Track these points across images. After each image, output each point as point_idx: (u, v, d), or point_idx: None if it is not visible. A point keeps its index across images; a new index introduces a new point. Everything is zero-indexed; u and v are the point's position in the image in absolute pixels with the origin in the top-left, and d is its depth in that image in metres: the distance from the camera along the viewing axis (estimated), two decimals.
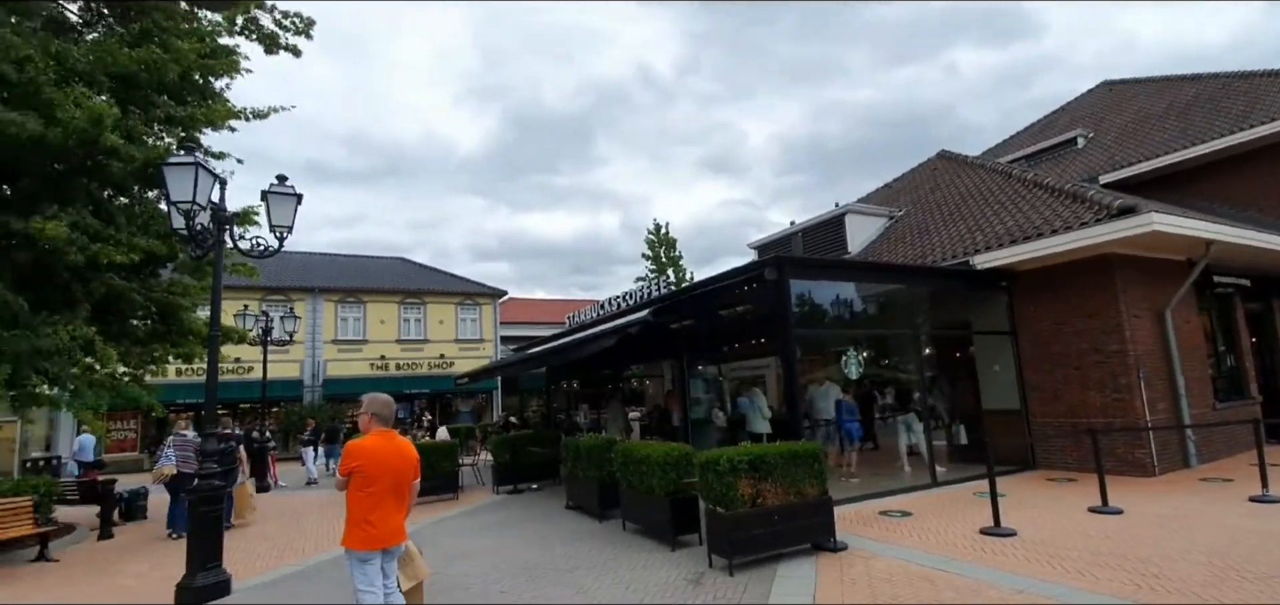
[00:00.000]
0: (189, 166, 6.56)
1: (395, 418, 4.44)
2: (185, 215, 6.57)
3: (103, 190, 10.30)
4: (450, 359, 29.57)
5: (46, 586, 7.28)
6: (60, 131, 8.19)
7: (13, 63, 7.96)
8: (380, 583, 4.21)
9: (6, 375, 8.55)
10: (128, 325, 10.93)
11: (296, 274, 27.56)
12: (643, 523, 7.67)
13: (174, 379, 17.86)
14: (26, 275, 8.84)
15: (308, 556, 7.99)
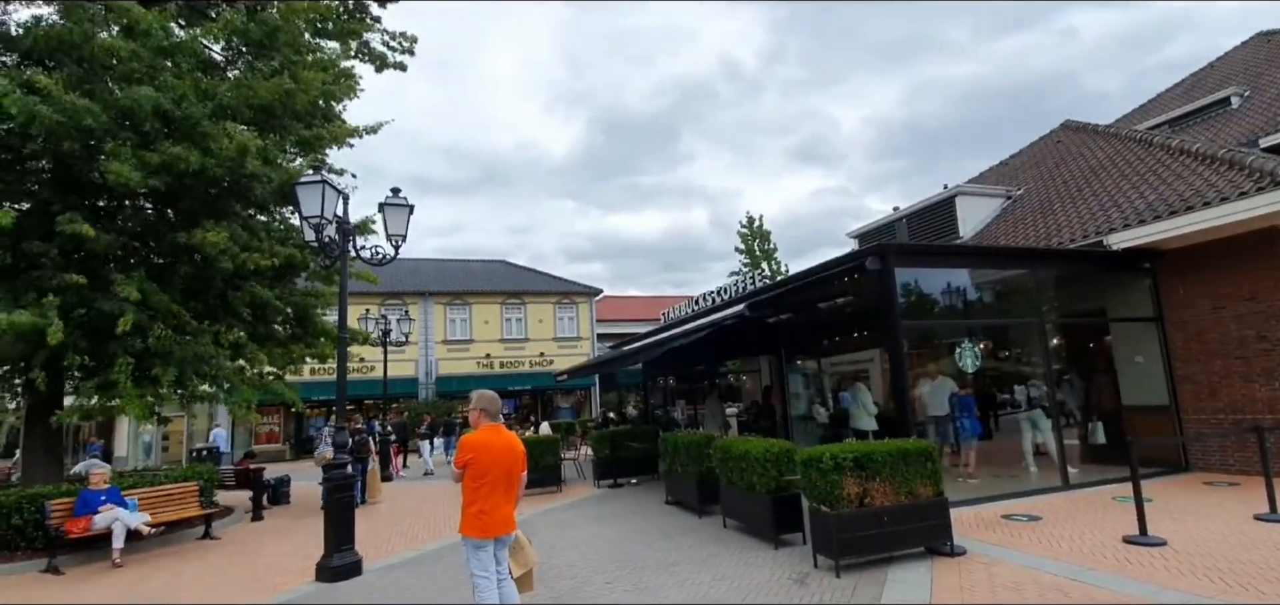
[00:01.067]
0: (317, 184, 7.20)
1: (501, 413, 4.66)
2: (315, 228, 7.22)
3: (247, 209, 11.53)
4: (550, 356, 30.62)
5: (211, 561, 8.27)
6: (214, 161, 9.26)
7: (174, 101, 9.07)
8: (494, 570, 4.43)
9: (174, 377, 9.78)
10: (271, 329, 12.16)
11: (409, 279, 29.55)
12: (743, 519, 7.58)
13: (309, 378, 19.68)
14: (189, 287, 10.06)
15: (427, 542, 8.55)
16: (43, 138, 8.71)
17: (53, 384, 9.30)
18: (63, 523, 7.98)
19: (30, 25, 9.42)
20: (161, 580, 7.41)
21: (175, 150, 8.77)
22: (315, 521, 10.77)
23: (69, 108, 8.10)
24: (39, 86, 8.04)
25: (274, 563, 7.99)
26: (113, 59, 9.09)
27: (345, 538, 7.01)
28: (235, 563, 8.12)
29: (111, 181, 8.46)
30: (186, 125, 9.20)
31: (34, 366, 8.22)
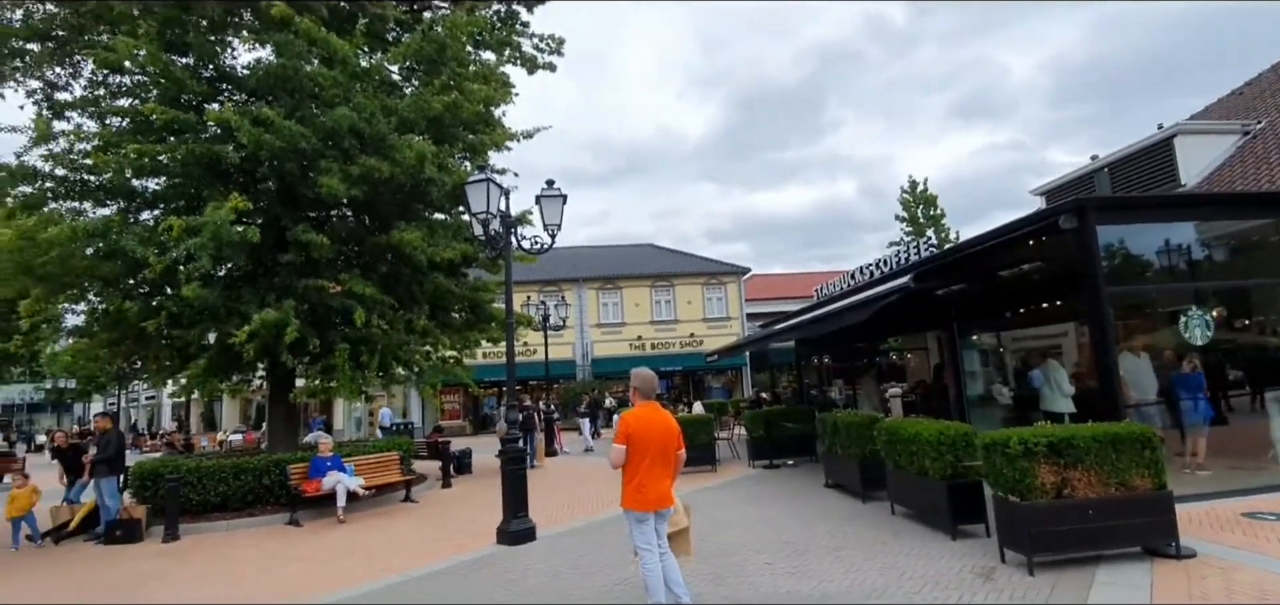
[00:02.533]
0: (483, 183, 7.82)
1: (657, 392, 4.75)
2: (483, 224, 7.86)
3: (427, 210, 12.86)
4: (699, 337, 30.81)
5: (412, 521, 9.42)
6: (399, 169, 10.43)
7: (365, 119, 10.33)
8: (655, 543, 4.55)
9: (378, 362, 11.22)
10: (449, 317, 13.51)
11: (564, 267, 31.19)
12: (914, 507, 7.08)
13: (481, 361, 21.63)
14: (385, 284, 11.45)
15: (593, 514, 9.02)
16: (269, 161, 10.38)
17: (289, 368, 11.12)
18: (300, 483, 9.54)
19: (253, 67, 11.24)
20: (376, 534, 8.59)
21: (370, 162, 10.01)
22: (494, 490, 11.86)
23: (288, 133, 9.54)
24: (264, 118, 9.55)
25: (462, 525, 8.90)
26: (316, 86, 10.57)
27: (520, 506, 7.61)
28: (431, 523, 9.18)
29: (323, 194, 9.86)
30: (376, 140, 10.45)
31: (277, 354, 9.87)
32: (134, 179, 10.30)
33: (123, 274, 9.98)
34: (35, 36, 9.76)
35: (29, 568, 7.94)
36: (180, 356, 11.51)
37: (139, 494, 9.75)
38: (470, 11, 12.25)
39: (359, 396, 12.43)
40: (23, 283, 9.65)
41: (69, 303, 11.11)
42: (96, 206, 10.45)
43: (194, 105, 10.50)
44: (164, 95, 10.14)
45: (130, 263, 9.43)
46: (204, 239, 8.98)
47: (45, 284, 9.66)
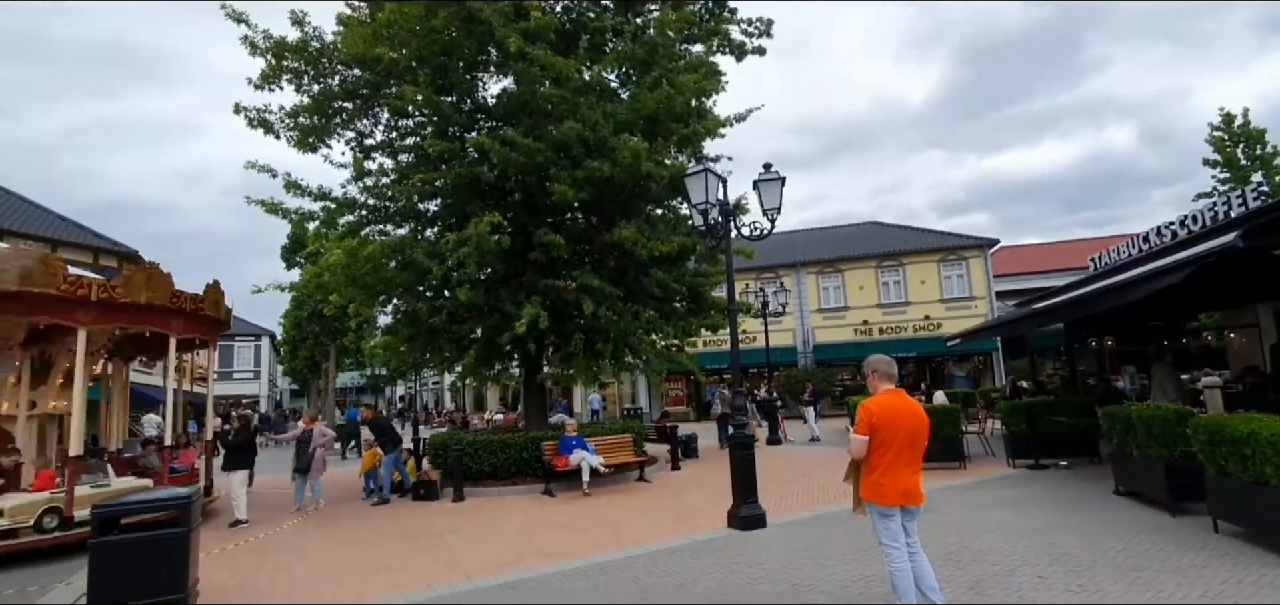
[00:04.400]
0: (701, 174, 7.95)
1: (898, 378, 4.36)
2: (702, 213, 7.99)
3: (646, 206, 13.52)
4: (936, 320, 27.93)
5: (647, 499, 10.00)
6: (619, 169, 11.12)
7: (590, 127, 11.18)
8: (903, 540, 4.19)
9: (611, 351, 12.13)
10: (671, 308, 14.06)
11: (781, 252, 30.49)
12: (1256, 527, 5.55)
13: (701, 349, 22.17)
14: (613, 278, 12.32)
15: (823, 505, 8.68)
16: (515, 175, 11.79)
17: (538, 357, 12.56)
18: (552, 459, 10.72)
19: (499, 96, 12.84)
20: (617, 508, 9.30)
21: (593, 165, 10.83)
22: (720, 473, 12.06)
23: (527, 149, 10.73)
24: (510, 139, 10.86)
25: (693, 506, 9.21)
26: (548, 105, 11.73)
27: (750, 492, 7.62)
28: (664, 502, 9.66)
29: (557, 200, 10.92)
30: (599, 144, 11.26)
31: (528, 344, 11.23)
32: (419, 203, 12.48)
33: (415, 281, 12.15)
34: (349, 97, 12.34)
35: (367, 513, 10.11)
36: (457, 348, 13.67)
37: (434, 461, 11.82)
38: (678, 6, 12.55)
39: (594, 383, 13.59)
40: (350, 291, 12.29)
41: (380, 307, 13.88)
42: (395, 227, 12.88)
43: (458, 136, 12.36)
44: (437, 131, 12.11)
45: (420, 272, 11.44)
46: (470, 249, 10.53)
47: (365, 291, 12.17)
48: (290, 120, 11.55)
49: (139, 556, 5.03)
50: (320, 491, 10.80)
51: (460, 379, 14.37)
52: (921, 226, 32.55)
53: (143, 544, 5.09)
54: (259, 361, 47.45)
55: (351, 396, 61.15)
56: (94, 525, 5.08)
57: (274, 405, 44.99)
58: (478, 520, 9.04)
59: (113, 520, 5.12)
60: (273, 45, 11.09)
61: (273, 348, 46.86)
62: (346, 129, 12.51)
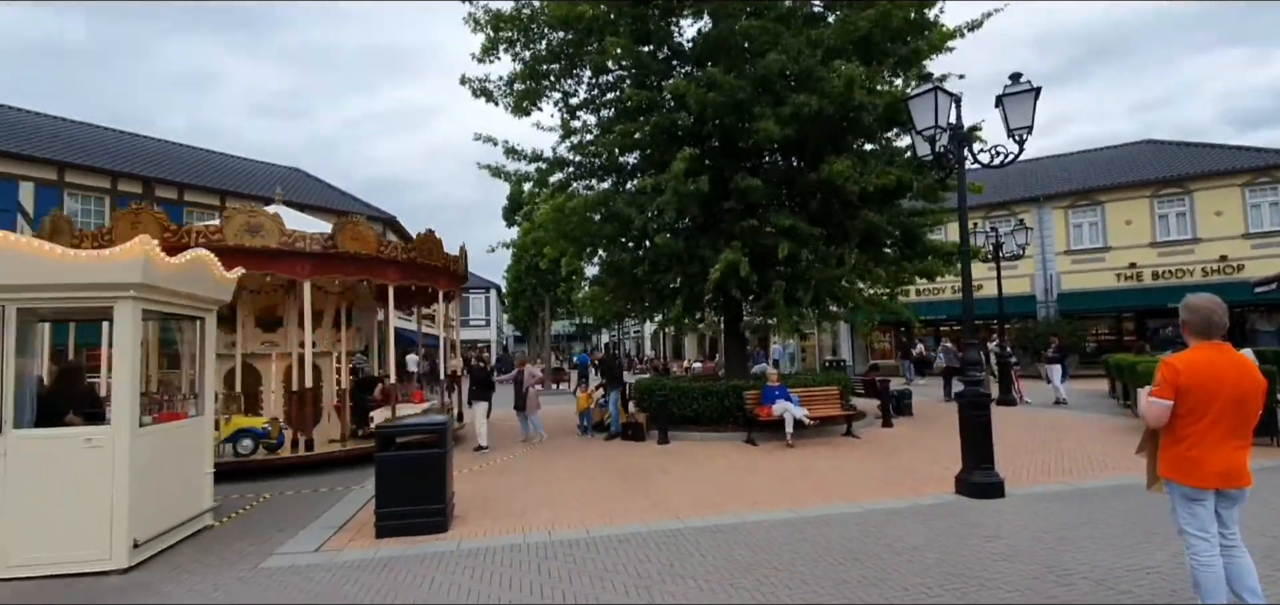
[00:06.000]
0: (929, 94, 6.95)
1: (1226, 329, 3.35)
2: (929, 140, 7.01)
3: (856, 140, 12.41)
4: (1236, 260, 22.19)
5: (856, 455, 9.41)
6: (827, 101, 10.28)
7: (793, 58, 10.44)
8: (1214, 530, 3.30)
9: (811, 298, 11.49)
10: (881, 252, 12.87)
11: (1017, 185, 26.26)
12: None
13: (914, 298, 20.19)
14: (815, 220, 11.56)
15: (1076, 478, 7.39)
16: (712, 119, 11.51)
17: (738, 305, 12.39)
18: (754, 408, 10.57)
19: (695, 38, 12.55)
20: (822, 462, 8.89)
21: (799, 99, 10.13)
22: (939, 433, 10.94)
23: (727, 87, 10.36)
24: (709, 78, 10.56)
25: (909, 467, 8.44)
26: (747, 41, 11.16)
27: (984, 456, 6.71)
28: (875, 459, 9.00)
29: (759, 139, 10.45)
30: (803, 75, 10.49)
31: (728, 291, 11.09)
32: (620, 156, 12.85)
33: (618, 233, 12.62)
34: (554, 59, 13.00)
35: (584, 446, 10.95)
36: (659, 297, 14.04)
37: (640, 405, 12.39)
38: None
39: (794, 332, 13.04)
40: (560, 244, 13.18)
41: (587, 259, 14.73)
42: (599, 181, 13.45)
43: (655, 85, 12.40)
44: (635, 81, 12.26)
45: (622, 222, 11.84)
46: (668, 196, 10.59)
47: (573, 243, 12.96)
48: (506, 87, 12.53)
49: (410, 470, 5.93)
50: (539, 424, 11.95)
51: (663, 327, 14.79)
52: (1217, 144, 25.75)
53: (412, 460, 5.99)
54: (489, 310, 54.12)
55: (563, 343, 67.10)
56: (377, 442, 6.08)
57: (502, 349, 51.12)
58: (682, 462, 9.25)
59: (390, 439, 6.08)
60: (490, 18, 12.03)
61: (499, 298, 53.05)
62: (554, 91, 13.23)
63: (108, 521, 5.05)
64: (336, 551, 5.52)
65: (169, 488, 5.76)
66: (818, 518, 6.14)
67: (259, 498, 7.62)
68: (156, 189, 20.66)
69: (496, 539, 5.72)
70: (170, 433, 6.02)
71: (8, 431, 5.02)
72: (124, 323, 5.37)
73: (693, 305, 13.54)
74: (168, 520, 5.67)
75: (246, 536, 6.03)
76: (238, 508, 7.12)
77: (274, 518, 6.71)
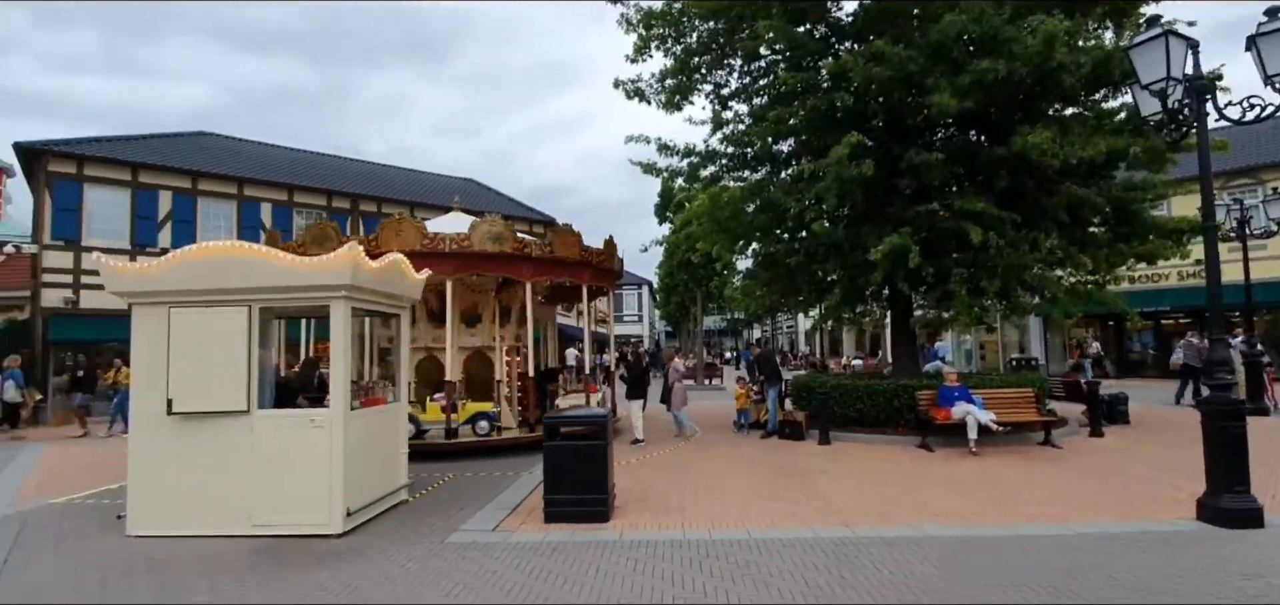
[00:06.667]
0: (1158, 40, 5.78)
1: None
2: (1159, 95, 5.85)
3: (1053, 105, 10.83)
4: None
5: (1058, 467, 8.19)
6: (1017, 63, 9.05)
7: (973, 20, 9.32)
8: None
9: (998, 288, 10.21)
10: (1087, 232, 11.11)
11: (1269, 147, 21.46)
12: None
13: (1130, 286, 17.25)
14: (1003, 200, 10.25)
15: None
16: (876, 97, 10.66)
17: (907, 297, 11.39)
18: (929, 409, 9.63)
19: (856, 11, 11.71)
20: (1014, 474, 7.85)
21: (981, 65, 9.04)
22: (1166, 445, 9.27)
23: (896, 61, 9.51)
24: (875, 52, 9.77)
25: (1130, 485, 7.17)
26: (916, 6, 10.16)
27: (1237, 476, 5.47)
28: (1085, 475, 7.76)
29: (933, 113, 9.48)
30: (985, 38, 9.34)
31: (897, 282, 10.22)
32: (774, 144, 12.39)
33: (772, 224, 12.19)
34: (705, 50, 12.85)
35: (740, 444, 10.72)
36: (816, 290, 13.37)
37: (797, 402, 11.88)
38: None
39: (976, 325, 11.71)
40: (713, 238, 13.02)
41: (739, 251, 14.43)
42: (752, 172, 13.09)
43: (811, 65, 11.77)
44: (790, 64, 11.73)
45: (777, 213, 11.39)
46: (828, 182, 9.98)
47: (726, 236, 12.75)
48: (658, 84, 12.61)
49: (574, 459, 6.15)
50: (686, 420, 11.89)
51: (821, 321, 14.07)
52: None
53: (576, 450, 6.20)
54: (641, 306, 55.58)
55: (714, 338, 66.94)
56: (545, 431, 6.38)
57: (655, 345, 52.19)
58: (847, 465, 8.69)
59: (555, 429, 6.35)
60: (642, 17, 12.19)
61: (651, 294, 54.21)
62: (705, 83, 13.09)
63: (327, 492, 5.80)
64: (510, 532, 5.85)
65: (373, 465, 6.49)
66: (1013, 538, 5.40)
67: (444, 477, 8.37)
68: (361, 203, 23.79)
69: (657, 533, 5.72)
70: (374, 416, 6.78)
71: (254, 411, 5.95)
72: (338, 318, 6.13)
73: (853, 298, 12.71)
74: (372, 494, 6.39)
75: (435, 513, 6.62)
76: (427, 486, 7.86)
77: (457, 497, 7.31)
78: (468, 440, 9.98)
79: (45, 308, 18.40)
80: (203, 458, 5.89)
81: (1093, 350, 21.12)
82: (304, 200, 22.74)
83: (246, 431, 5.90)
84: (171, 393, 5.87)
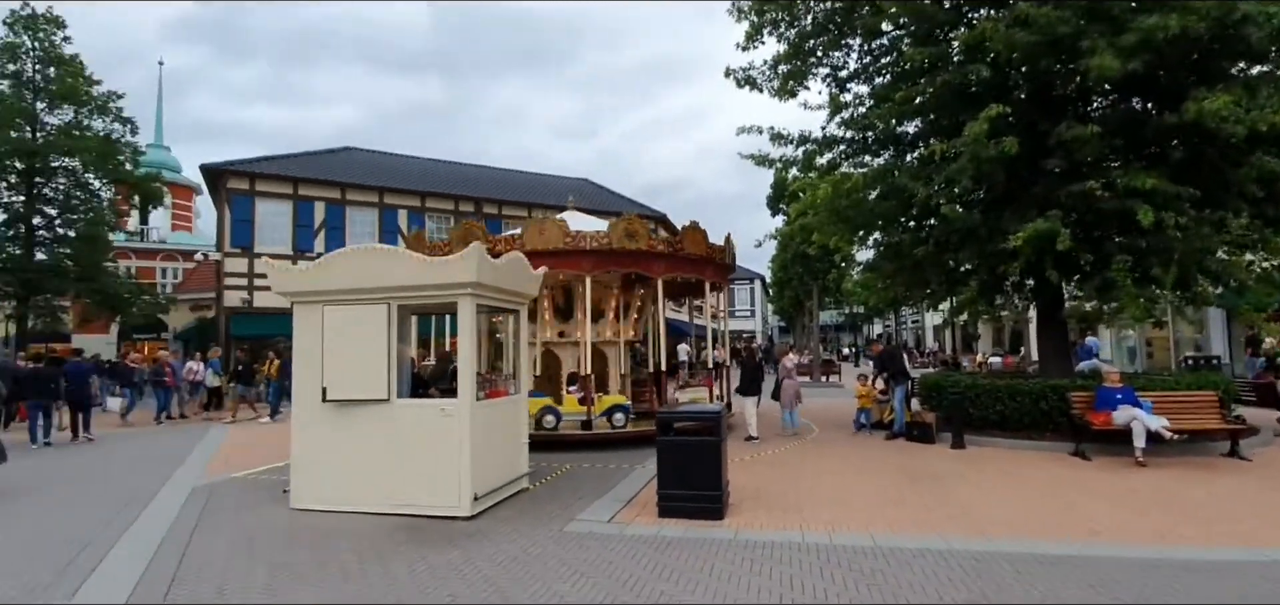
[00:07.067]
0: None
1: None
2: None
3: (1236, 65, 9.32)
4: None
5: (1252, 482, 7.01)
6: (1193, 17, 7.83)
7: None
8: None
9: (1175, 277, 8.90)
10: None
11: None
12: None
13: None
14: (1176, 172, 8.90)
15: None
16: (1019, 67, 9.64)
17: (1056, 288, 10.24)
18: (1084, 413, 8.60)
19: None
20: (1197, 489, 6.81)
21: (1148, 22, 7.90)
22: None
23: (1045, 23, 8.53)
24: (1019, 16, 8.81)
25: None
26: None
27: None
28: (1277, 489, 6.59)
29: (1089, 81, 8.43)
30: None
31: (1043, 271, 9.19)
32: (898, 125, 11.60)
33: (897, 211, 11.42)
34: (821, 32, 12.25)
35: (862, 445, 10.17)
36: (947, 281, 12.38)
37: (926, 402, 11.07)
38: None
39: (1145, 319, 10.29)
40: (831, 228, 12.41)
41: (859, 243, 13.67)
42: (873, 157, 12.35)
43: (941, 37, 10.87)
44: (916, 39, 10.90)
45: (903, 200, 10.65)
46: (962, 162, 9.16)
47: (846, 226, 12.11)
48: (771, 71, 12.20)
49: (687, 455, 6.09)
50: (796, 419, 11.44)
51: (952, 316, 12.99)
52: None
53: (689, 446, 6.14)
54: (753, 301, 54.54)
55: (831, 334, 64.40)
56: (658, 426, 6.38)
57: (768, 340, 51.04)
58: (985, 471, 7.96)
59: (669, 424, 6.33)
60: (754, 3, 11.85)
61: (763, 289, 53.06)
62: (821, 66, 12.51)
63: (457, 477, 6.16)
64: (625, 524, 5.91)
65: (497, 453, 6.81)
66: (1206, 563, 4.66)
67: (562, 468, 8.64)
68: (484, 206, 25.23)
69: (774, 533, 5.53)
70: (497, 407, 7.12)
71: (394, 400, 6.44)
72: (465, 314, 6.49)
73: (990, 289, 11.65)
74: (496, 481, 6.71)
75: (553, 502, 6.84)
76: (545, 475, 8.15)
77: (574, 487, 7.51)
78: (571, 433, 10.20)
79: (227, 307, 21.23)
80: (352, 441, 6.46)
81: (1267, 346, 17.94)
82: (434, 205, 24.54)
83: (387, 419, 6.40)
84: (326, 382, 6.49)
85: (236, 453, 10.50)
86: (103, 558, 5.18)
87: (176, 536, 5.74)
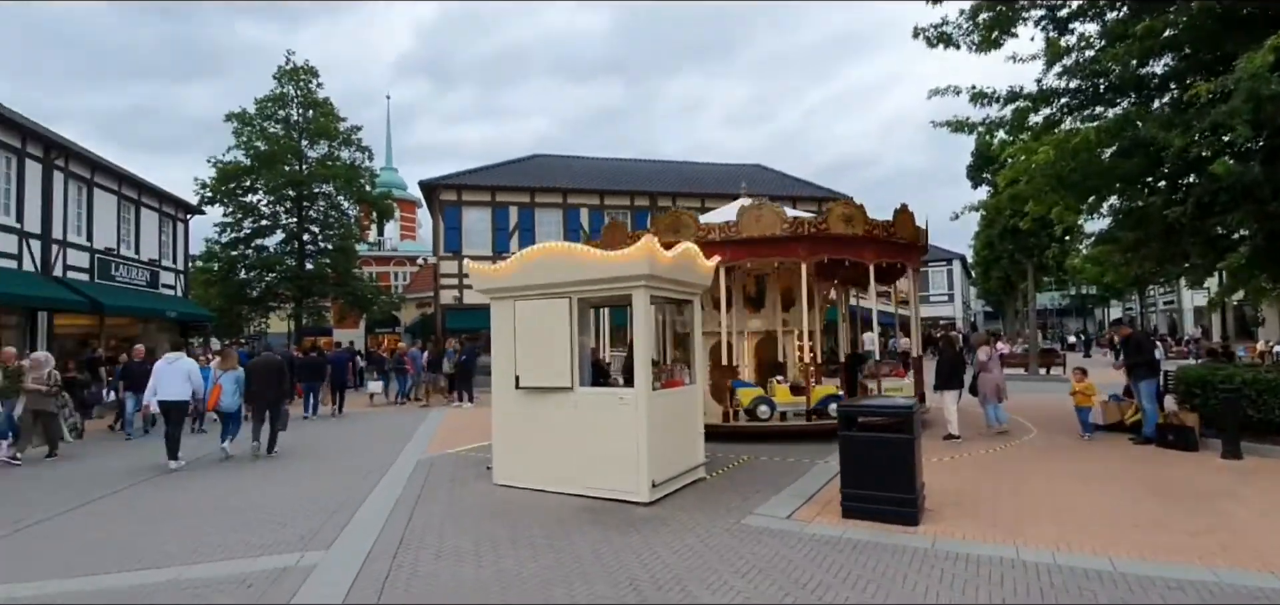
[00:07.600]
0: None
1: None
2: None
3: None
4: None
5: None
6: None
7: None
8: None
9: None
10: None
11: None
12: None
13: None
14: None
15: None
16: None
17: None
18: None
19: None
20: None
21: None
22: None
23: None
24: None
25: None
26: None
27: None
28: None
29: None
30: None
31: None
32: (1140, 65, 9.61)
33: (1141, 170, 9.49)
34: None
35: (1094, 450, 8.63)
36: (1212, 251, 10.06)
37: (1184, 401, 9.08)
38: None
39: None
40: (1053, 196, 10.66)
41: (1088, 210, 11.59)
42: (1107, 108, 10.37)
43: None
44: None
45: (1150, 155, 8.81)
46: (1236, 103, 7.31)
47: (1072, 192, 10.33)
48: (969, 22, 10.78)
49: (874, 452, 5.61)
50: (997, 414, 10.00)
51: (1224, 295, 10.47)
52: None
53: (876, 442, 5.66)
54: (951, 285, 49.34)
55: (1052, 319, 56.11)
56: (840, 420, 5.97)
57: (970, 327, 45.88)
58: (1269, 489, 6.30)
59: (852, 418, 5.89)
60: None
61: (964, 270, 47.74)
62: (1033, 8, 10.79)
63: (635, 463, 6.33)
64: (805, 523, 5.61)
65: (673, 442, 6.88)
66: None
67: (738, 459, 8.50)
68: (658, 199, 25.88)
69: (981, 546, 4.87)
70: (673, 397, 7.19)
71: (577, 388, 6.80)
72: (639, 305, 6.63)
73: (1275, 259, 9.23)
74: (673, 469, 6.78)
75: (731, 493, 6.74)
76: (722, 465, 8.07)
77: (752, 480, 7.33)
78: (741, 425, 9.96)
79: (442, 304, 24.30)
80: (541, 426, 6.96)
81: None
82: (612, 203, 25.76)
83: (571, 405, 6.78)
84: (518, 370, 7.06)
85: (451, 433, 11.91)
86: (352, 515, 6.18)
87: (406, 501, 6.66)
